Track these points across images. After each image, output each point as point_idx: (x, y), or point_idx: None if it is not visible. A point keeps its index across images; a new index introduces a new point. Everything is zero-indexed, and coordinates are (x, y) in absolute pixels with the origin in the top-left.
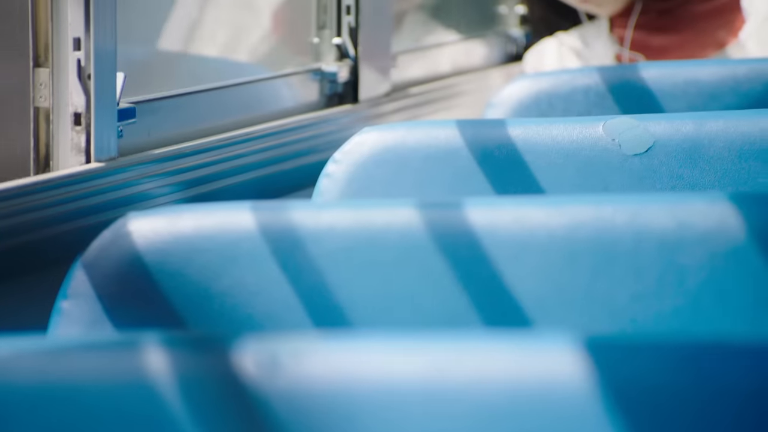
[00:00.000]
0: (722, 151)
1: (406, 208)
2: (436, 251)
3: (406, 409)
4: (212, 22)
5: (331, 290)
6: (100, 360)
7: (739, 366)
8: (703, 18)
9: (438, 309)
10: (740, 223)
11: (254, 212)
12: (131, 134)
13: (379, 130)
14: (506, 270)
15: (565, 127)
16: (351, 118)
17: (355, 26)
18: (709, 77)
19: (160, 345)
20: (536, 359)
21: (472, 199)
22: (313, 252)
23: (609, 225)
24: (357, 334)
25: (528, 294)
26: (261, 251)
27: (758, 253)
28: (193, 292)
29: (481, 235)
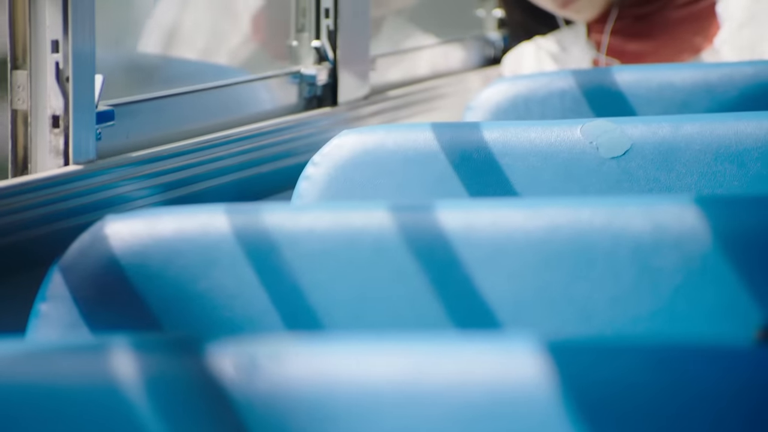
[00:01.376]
0: (698, 155)
1: (384, 210)
2: (414, 254)
3: (384, 411)
4: (191, 25)
5: (310, 293)
6: (79, 362)
7: (713, 368)
8: (678, 24)
9: (416, 312)
10: (715, 226)
11: (233, 215)
12: (110, 137)
13: (358, 133)
14: (484, 273)
15: (543, 130)
16: (330, 121)
17: (334, 29)
18: (683, 81)
19: (139, 348)
20: (513, 362)
21: (451, 202)
22: (293, 254)
23: (586, 228)
24: (335, 336)
25: (505, 297)
26: (240, 254)
27: (732, 257)
28: (172, 295)
29: (460, 237)
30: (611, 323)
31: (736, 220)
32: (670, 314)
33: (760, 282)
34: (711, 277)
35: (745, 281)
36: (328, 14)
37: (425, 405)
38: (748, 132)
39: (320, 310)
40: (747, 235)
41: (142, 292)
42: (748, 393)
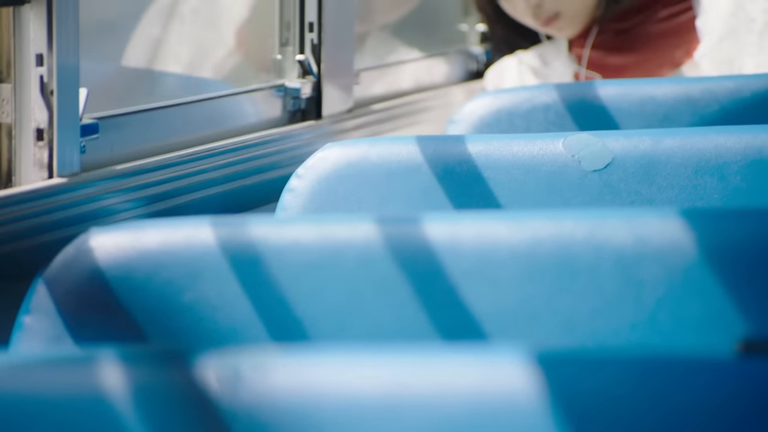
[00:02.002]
0: (679, 168)
1: (368, 223)
2: (398, 266)
3: (367, 423)
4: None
5: (294, 305)
6: (63, 375)
7: (695, 380)
8: (658, 38)
9: (400, 323)
10: (696, 238)
11: (218, 227)
12: (94, 150)
13: (341, 146)
14: (467, 285)
15: (526, 144)
16: (314, 134)
17: (318, 43)
18: (665, 95)
19: (123, 360)
20: (496, 373)
21: (434, 215)
22: (277, 267)
23: (568, 240)
24: (319, 348)
25: (489, 309)
26: (224, 266)
27: (713, 269)
28: (156, 307)
29: (443, 250)
30: (594, 335)
31: (717, 233)
32: (653, 326)
33: (741, 294)
34: (693, 289)
35: (727, 293)
36: (312, 28)
37: (409, 416)
38: (728, 146)
39: (305, 322)
40: (728, 247)
41: (127, 304)
42: (729, 404)
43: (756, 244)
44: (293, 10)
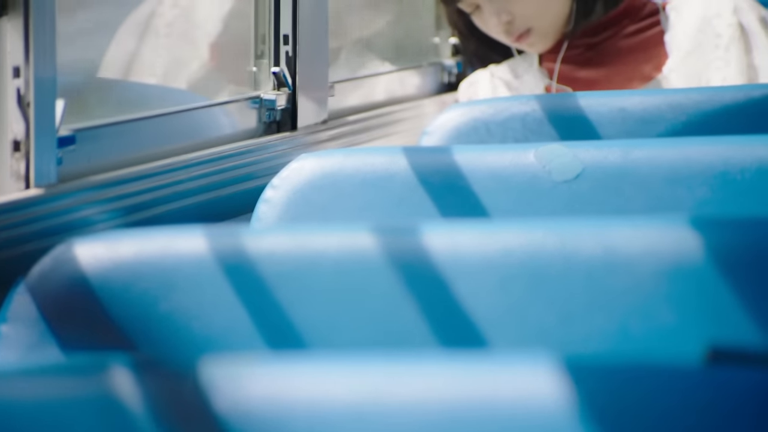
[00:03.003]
0: (648, 178)
1: (342, 233)
2: (371, 275)
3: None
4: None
5: (270, 314)
6: (39, 384)
7: (663, 388)
8: (627, 53)
9: (374, 332)
10: (665, 247)
11: (194, 237)
12: (71, 161)
13: (316, 157)
14: (440, 293)
15: (498, 154)
16: (289, 145)
17: (293, 56)
18: (634, 107)
19: (99, 369)
20: (466, 381)
21: (407, 224)
22: (252, 276)
23: (539, 249)
24: (295, 357)
25: (461, 317)
26: (201, 276)
27: (681, 278)
28: (133, 317)
29: (415, 258)
30: (564, 343)
31: (686, 243)
32: (622, 334)
33: (709, 303)
34: (662, 298)
35: (695, 302)
36: (287, 41)
37: (383, 424)
38: (695, 157)
39: (280, 332)
40: (696, 256)
41: (104, 314)
42: (698, 413)
43: (724, 253)
44: (268, 23)
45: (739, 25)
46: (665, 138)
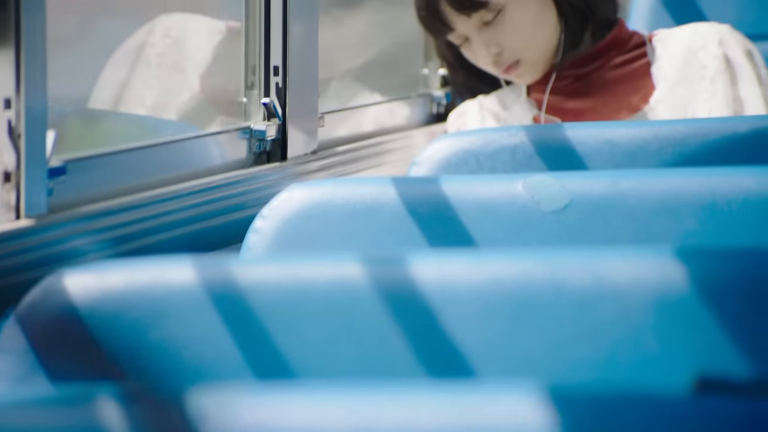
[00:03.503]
0: (636, 209)
1: (331, 262)
2: (360, 305)
3: None
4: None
5: (259, 344)
6: (28, 415)
7: (651, 417)
8: (615, 84)
9: (364, 361)
10: (652, 278)
11: (184, 268)
12: (62, 191)
13: (306, 187)
14: (430, 323)
15: (486, 185)
16: (279, 176)
17: (283, 87)
18: (621, 138)
19: (90, 400)
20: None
21: (397, 254)
22: (242, 306)
23: (528, 279)
24: (285, 387)
25: (450, 346)
26: (191, 306)
27: (669, 308)
28: (123, 347)
29: (405, 288)
30: (552, 373)
31: (673, 273)
32: (610, 364)
33: (696, 333)
34: (649, 328)
35: (682, 332)
36: (277, 72)
37: None
38: (682, 187)
39: (270, 361)
40: (683, 287)
41: (94, 344)
42: None
43: (711, 283)
44: (258, 55)
45: (725, 57)
46: (653, 169)
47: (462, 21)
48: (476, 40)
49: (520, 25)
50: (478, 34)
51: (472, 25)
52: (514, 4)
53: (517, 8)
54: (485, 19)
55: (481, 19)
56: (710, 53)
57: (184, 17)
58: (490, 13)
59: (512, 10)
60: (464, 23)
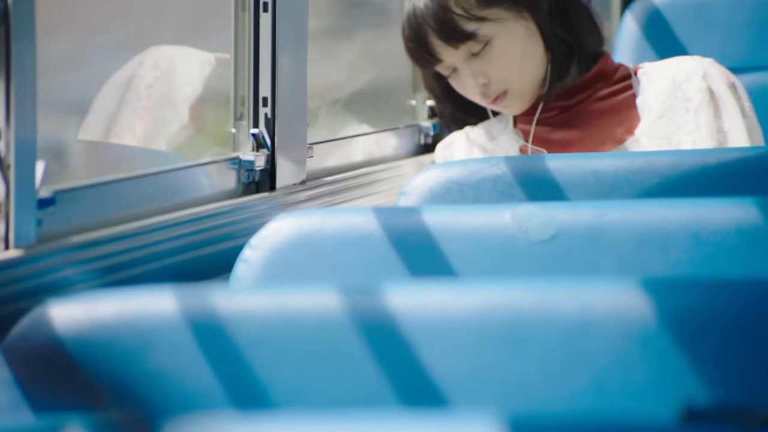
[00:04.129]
0: (622, 239)
1: (320, 292)
2: (350, 334)
3: None
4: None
5: (248, 374)
6: None
7: None
8: (600, 116)
9: (354, 391)
10: (639, 308)
11: (172, 297)
12: (51, 221)
13: (294, 217)
14: (420, 352)
15: (475, 215)
16: (268, 206)
17: (272, 117)
18: (607, 169)
19: (75, 430)
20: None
21: (386, 284)
22: (231, 336)
23: (517, 308)
24: (274, 416)
25: (441, 375)
26: (179, 336)
27: (657, 337)
28: (112, 377)
29: (395, 318)
30: (543, 401)
31: (660, 303)
32: (600, 393)
33: (685, 362)
34: (637, 357)
35: (671, 361)
36: (266, 103)
37: None
38: (668, 218)
39: (260, 391)
40: (671, 316)
41: (83, 374)
42: None
43: (698, 313)
44: (247, 86)
45: (709, 90)
46: (638, 200)
47: (450, 52)
48: (464, 71)
49: (507, 56)
50: (465, 65)
51: (460, 57)
52: (502, 35)
53: (505, 39)
54: (473, 50)
55: (469, 51)
56: (694, 86)
57: (173, 49)
58: (477, 45)
59: (500, 42)
60: (452, 54)
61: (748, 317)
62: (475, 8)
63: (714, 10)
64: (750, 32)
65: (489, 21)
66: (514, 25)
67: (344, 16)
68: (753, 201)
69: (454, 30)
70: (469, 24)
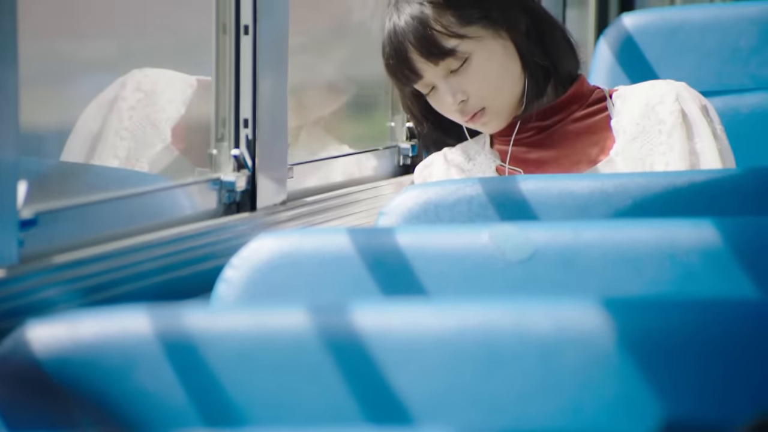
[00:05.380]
0: (597, 259)
1: (301, 311)
2: (329, 353)
3: None
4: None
5: (228, 392)
6: None
7: None
8: (576, 137)
9: (332, 409)
10: (614, 327)
11: (153, 317)
12: (33, 242)
13: (275, 237)
14: (397, 371)
15: (453, 235)
16: (248, 226)
17: (253, 138)
18: (582, 189)
19: None
20: None
21: (365, 303)
22: (212, 355)
23: (493, 328)
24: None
25: (417, 394)
26: (160, 355)
27: (631, 356)
28: (93, 396)
29: (373, 337)
30: (518, 420)
31: (634, 322)
32: (574, 411)
33: (658, 381)
34: (611, 376)
35: (645, 380)
36: (247, 124)
37: None
38: (642, 238)
39: (239, 409)
40: (645, 336)
41: (65, 394)
42: None
43: (671, 332)
44: (228, 107)
45: (682, 112)
46: (613, 220)
47: (430, 69)
48: (443, 88)
49: (485, 74)
50: (444, 82)
51: (440, 73)
52: (480, 52)
53: (483, 57)
54: (452, 67)
55: (448, 67)
56: (668, 108)
57: (155, 72)
58: (456, 61)
59: (478, 59)
60: (432, 71)
61: (721, 336)
62: (454, 25)
63: (685, 36)
64: (720, 57)
65: (468, 38)
66: (492, 43)
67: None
68: (724, 221)
69: (434, 46)
70: (449, 41)
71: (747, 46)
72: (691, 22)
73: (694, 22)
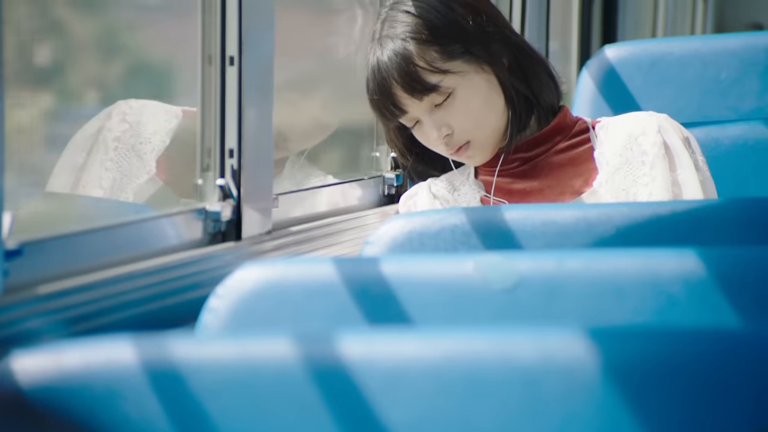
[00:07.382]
0: (580, 288)
1: (286, 341)
2: (315, 383)
3: None
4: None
5: (214, 422)
6: None
7: None
8: (559, 168)
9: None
10: (597, 356)
11: (138, 347)
12: (18, 272)
13: (260, 266)
14: (381, 400)
15: (438, 264)
16: (234, 255)
17: (238, 169)
18: (565, 219)
19: None
20: None
21: (350, 332)
22: (197, 385)
23: (478, 356)
24: None
25: (402, 423)
26: (145, 385)
27: (614, 385)
28: (79, 427)
29: (358, 366)
30: None
31: (617, 351)
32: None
33: (641, 410)
34: (595, 404)
35: (628, 409)
36: (232, 154)
37: None
38: (625, 267)
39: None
40: (628, 365)
41: (50, 425)
42: None
43: (654, 362)
44: (214, 137)
45: (664, 143)
46: (596, 249)
47: (414, 104)
48: (427, 122)
49: (469, 108)
50: (429, 116)
51: (424, 108)
52: (464, 87)
53: (467, 91)
54: (436, 101)
55: (432, 102)
56: (650, 140)
57: (140, 103)
58: (440, 96)
59: (462, 93)
60: (416, 106)
61: (704, 365)
62: (437, 61)
63: (665, 68)
64: (700, 89)
65: (451, 73)
66: (475, 78)
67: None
68: (707, 251)
69: (417, 82)
70: (432, 76)
71: (727, 78)
72: (672, 54)
73: (676, 54)
